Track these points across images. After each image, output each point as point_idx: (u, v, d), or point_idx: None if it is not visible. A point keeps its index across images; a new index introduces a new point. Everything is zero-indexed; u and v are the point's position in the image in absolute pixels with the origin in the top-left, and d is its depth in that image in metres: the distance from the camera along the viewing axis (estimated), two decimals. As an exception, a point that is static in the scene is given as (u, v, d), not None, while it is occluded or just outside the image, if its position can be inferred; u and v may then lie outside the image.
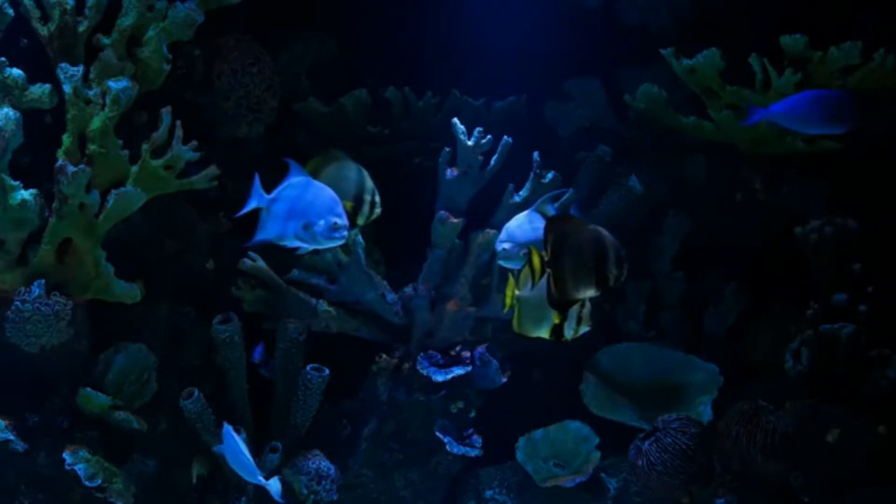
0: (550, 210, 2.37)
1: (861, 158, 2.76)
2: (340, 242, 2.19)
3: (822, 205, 2.87)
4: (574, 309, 2.18)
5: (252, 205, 2.19)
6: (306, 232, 2.16)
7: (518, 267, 2.38)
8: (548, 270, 2.06)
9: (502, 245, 2.33)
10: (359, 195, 2.26)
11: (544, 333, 2.22)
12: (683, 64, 2.67)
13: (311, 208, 2.15)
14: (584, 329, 2.21)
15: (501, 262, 2.38)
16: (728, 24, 2.96)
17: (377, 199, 2.28)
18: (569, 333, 2.21)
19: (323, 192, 2.17)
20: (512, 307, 2.22)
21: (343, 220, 2.16)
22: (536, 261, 2.10)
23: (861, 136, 2.63)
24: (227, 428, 2.43)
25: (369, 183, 2.27)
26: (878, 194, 2.80)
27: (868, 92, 2.61)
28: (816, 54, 2.57)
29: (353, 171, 2.27)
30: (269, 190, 2.19)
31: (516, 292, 2.20)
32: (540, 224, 2.34)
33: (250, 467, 2.39)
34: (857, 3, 2.77)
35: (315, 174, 2.24)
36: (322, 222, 2.14)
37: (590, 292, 2.09)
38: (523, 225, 2.34)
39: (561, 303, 2.10)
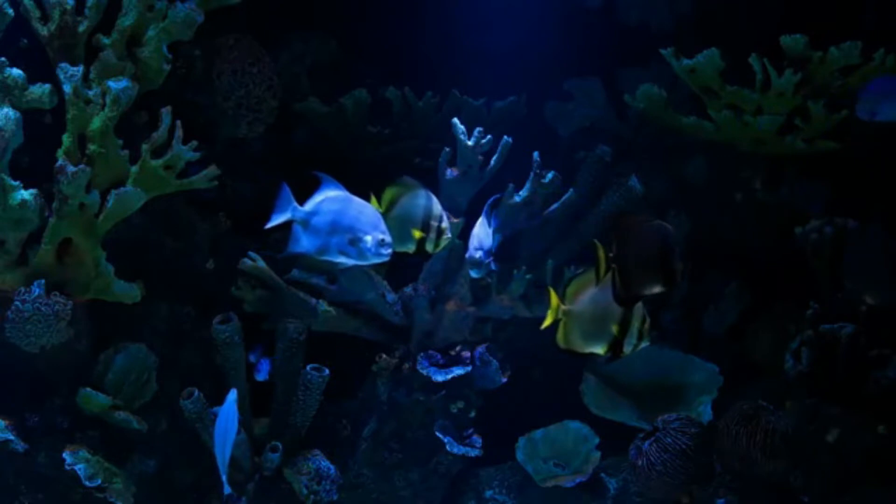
0: (484, 216, 2.36)
1: (861, 158, 2.76)
2: (385, 259, 2.15)
3: (822, 205, 2.87)
4: (636, 323, 2.14)
5: (285, 216, 2.14)
6: (352, 247, 2.12)
7: (481, 275, 2.37)
8: (613, 266, 2.03)
9: (478, 253, 2.30)
10: (426, 221, 2.22)
11: (598, 349, 2.16)
12: (683, 64, 2.67)
13: (357, 223, 2.11)
14: (644, 344, 2.16)
15: (472, 272, 2.35)
16: (728, 23, 2.96)
17: (445, 224, 2.24)
18: (628, 349, 2.15)
19: (366, 208, 2.14)
20: (555, 322, 2.17)
21: (389, 237, 2.12)
22: (602, 255, 2.07)
23: (861, 136, 2.63)
24: (233, 394, 2.37)
25: (437, 209, 2.24)
26: (878, 194, 2.80)
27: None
28: (816, 54, 2.57)
29: (422, 198, 2.24)
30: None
31: (563, 306, 2.17)
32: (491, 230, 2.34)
33: (224, 456, 2.33)
34: (857, 3, 2.77)
35: (392, 203, 2.22)
36: (370, 238, 2.10)
37: (656, 288, 2.05)
38: (484, 230, 2.34)
39: (628, 299, 2.06)
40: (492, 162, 2.67)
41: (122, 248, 2.50)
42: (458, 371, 2.70)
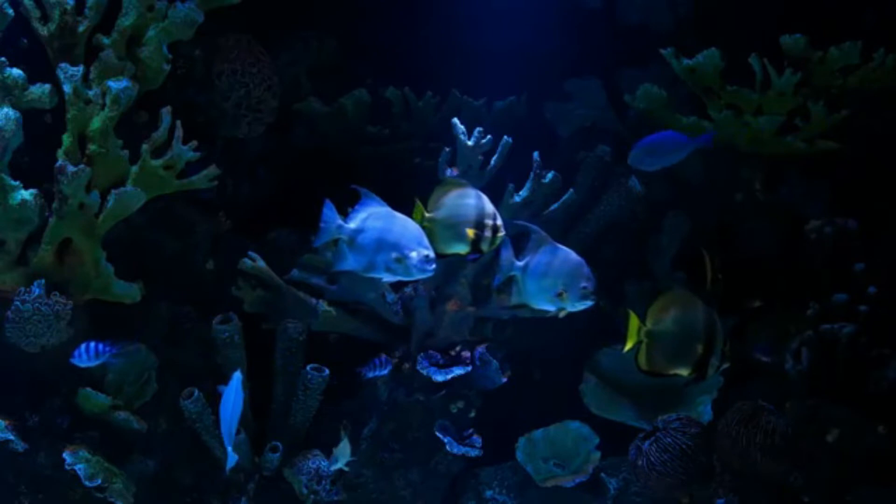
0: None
1: (861, 158, 2.76)
2: (430, 275, 2.15)
3: (822, 205, 2.87)
4: (719, 344, 2.13)
5: (331, 235, 2.13)
6: (398, 264, 2.11)
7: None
8: (719, 276, 2.03)
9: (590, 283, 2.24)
10: (480, 220, 2.19)
11: (683, 370, 2.16)
12: (683, 64, 2.68)
13: (402, 240, 2.10)
14: (726, 365, 2.16)
15: (587, 304, 2.24)
16: (728, 23, 2.96)
17: (499, 222, 2.21)
18: (712, 371, 2.15)
19: (409, 224, 2.14)
20: (637, 344, 2.15)
21: (432, 253, 2.12)
22: (710, 265, 2.06)
23: (861, 136, 2.63)
24: (238, 376, 2.38)
25: (489, 207, 2.21)
26: (878, 194, 2.80)
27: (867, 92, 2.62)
28: (816, 54, 2.57)
29: (472, 198, 2.21)
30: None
31: (644, 326, 2.15)
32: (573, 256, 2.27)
33: (230, 428, 2.35)
34: (857, 3, 2.77)
35: (436, 203, 2.21)
36: (415, 255, 2.10)
37: (758, 301, 2.06)
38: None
39: (733, 306, 2.05)
40: (492, 162, 2.67)
41: (122, 248, 2.50)
42: (458, 371, 2.70)
